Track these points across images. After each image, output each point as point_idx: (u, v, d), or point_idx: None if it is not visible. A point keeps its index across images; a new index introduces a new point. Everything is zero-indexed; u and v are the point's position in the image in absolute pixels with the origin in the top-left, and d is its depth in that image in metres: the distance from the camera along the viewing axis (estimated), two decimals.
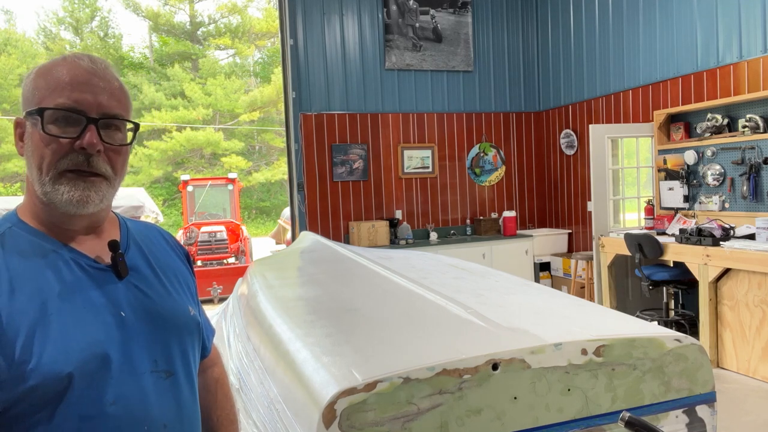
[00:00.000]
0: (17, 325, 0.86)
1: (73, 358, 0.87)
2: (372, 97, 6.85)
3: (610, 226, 5.89)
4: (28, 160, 0.95)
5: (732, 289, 4.32)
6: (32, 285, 0.90)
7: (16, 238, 0.94)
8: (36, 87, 0.95)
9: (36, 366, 0.85)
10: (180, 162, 20.38)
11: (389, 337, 1.55)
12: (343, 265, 2.86)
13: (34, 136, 0.94)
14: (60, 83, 0.93)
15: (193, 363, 1.09)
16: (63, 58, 0.97)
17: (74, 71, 0.95)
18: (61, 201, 0.93)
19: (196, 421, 1.08)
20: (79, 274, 0.95)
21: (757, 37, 4.63)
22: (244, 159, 20.74)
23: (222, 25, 22.43)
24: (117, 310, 0.96)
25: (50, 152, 0.93)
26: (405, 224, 6.84)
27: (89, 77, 0.95)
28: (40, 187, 0.94)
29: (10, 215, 0.99)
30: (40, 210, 0.97)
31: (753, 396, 3.91)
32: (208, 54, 22.42)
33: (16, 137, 0.99)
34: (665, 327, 1.63)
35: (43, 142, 0.93)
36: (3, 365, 0.84)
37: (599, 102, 6.50)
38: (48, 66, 0.97)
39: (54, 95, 0.93)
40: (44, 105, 0.93)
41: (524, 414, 1.31)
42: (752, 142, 4.63)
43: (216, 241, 9.95)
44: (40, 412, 0.86)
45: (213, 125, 20.60)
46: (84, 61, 0.96)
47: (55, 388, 0.86)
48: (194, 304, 1.14)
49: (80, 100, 0.93)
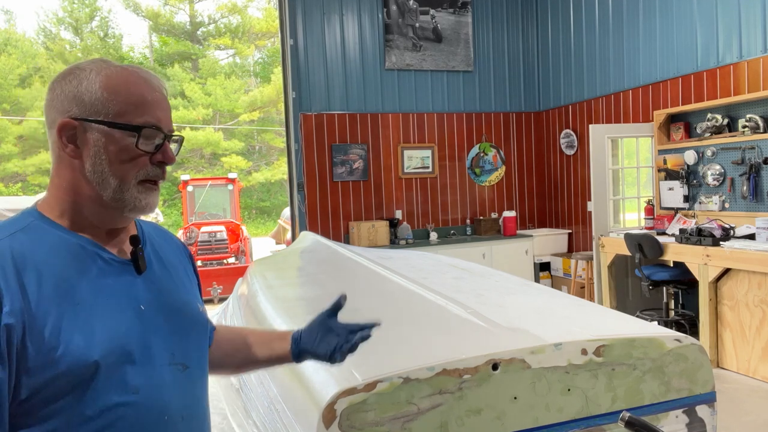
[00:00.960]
0: (46, 312, 0.89)
1: (99, 347, 0.91)
2: (372, 97, 6.85)
3: (610, 226, 5.89)
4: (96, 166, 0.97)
5: (732, 289, 4.32)
6: (58, 275, 0.92)
7: (39, 231, 0.97)
8: (111, 98, 0.97)
9: (64, 353, 0.88)
10: (180, 162, 20.35)
11: (389, 337, 1.55)
12: (343, 265, 2.85)
13: (110, 146, 0.97)
14: (143, 101, 0.99)
15: (204, 358, 1.13)
16: (136, 75, 1.01)
17: (150, 89, 1.01)
18: (134, 206, 1.00)
19: (208, 415, 1.12)
20: (103, 267, 0.98)
21: (757, 37, 4.63)
22: (244, 159, 20.73)
23: (222, 25, 22.43)
24: (137, 303, 0.99)
25: (136, 164, 0.99)
26: (405, 224, 6.84)
27: (162, 98, 1.03)
28: (114, 193, 0.98)
29: (30, 211, 1.00)
30: (86, 209, 0.99)
31: (753, 396, 3.91)
32: (208, 54, 22.42)
33: (61, 138, 0.97)
34: (665, 327, 1.63)
35: (128, 154, 0.98)
36: (32, 352, 0.86)
37: (599, 102, 6.50)
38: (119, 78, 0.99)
39: (140, 112, 0.99)
40: (129, 120, 0.98)
41: (524, 414, 1.31)
42: (752, 142, 4.63)
43: (216, 241, 9.95)
44: (64, 398, 0.89)
45: (213, 125, 20.60)
46: (154, 80, 1.03)
47: (81, 376, 0.89)
48: (200, 301, 1.18)
49: (160, 119, 1.01)
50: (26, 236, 0.95)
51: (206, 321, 1.15)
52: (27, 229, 0.96)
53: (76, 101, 0.97)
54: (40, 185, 18.10)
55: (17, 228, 0.96)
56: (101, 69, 0.99)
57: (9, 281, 0.88)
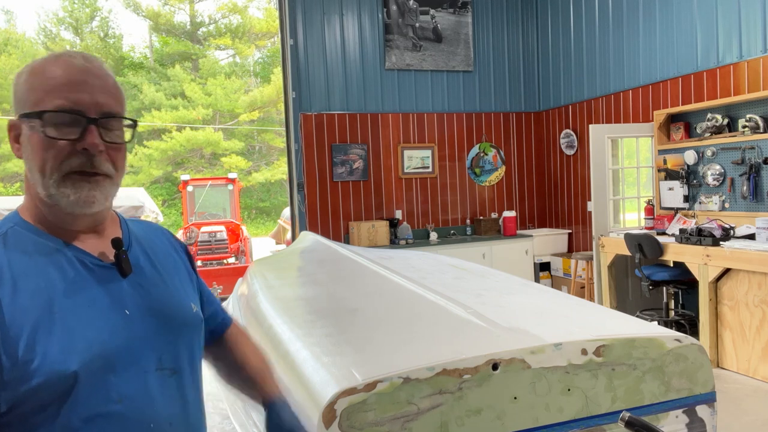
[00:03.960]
0: (21, 324, 0.85)
1: (78, 357, 0.87)
2: (372, 97, 6.85)
3: (610, 226, 5.89)
4: (28, 162, 0.94)
5: (732, 289, 4.32)
6: (36, 283, 0.89)
7: (18, 237, 0.94)
8: (30, 88, 0.93)
9: (40, 365, 0.84)
10: (180, 162, 20.37)
11: (389, 337, 1.55)
12: (343, 265, 2.85)
13: (33, 138, 0.92)
14: (56, 84, 0.91)
15: (197, 360, 1.09)
16: (55, 57, 0.94)
17: (69, 71, 0.92)
18: (67, 203, 0.93)
19: (201, 418, 1.09)
20: (83, 273, 0.94)
21: (757, 37, 4.63)
22: (244, 159, 20.73)
23: (222, 25, 22.43)
24: (121, 308, 0.96)
25: (52, 155, 0.91)
26: (405, 224, 6.84)
27: (85, 76, 0.93)
28: (44, 189, 0.93)
29: (12, 215, 0.98)
30: (43, 210, 0.96)
31: (753, 396, 3.91)
32: (208, 54, 22.42)
33: (11, 139, 0.97)
34: (665, 327, 1.63)
35: (43, 145, 0.91)
36: (7, 364, 0.83)
37: (599, 102, 6.50)
38: (40, 65, 0.94)
39: (51, 96, 0.91)
40: (42, 107, 0.91)
41: (524, 414, 1.31)
42: (752, 142, 4.63)
43: (216, 241, 9.96)
44: (46, 410, 0.85)
45: (213, 125, 20.60)
46: (78, 60, 0.94)
47: (60, 387, 0.85)
48: (196, 300, 1.14)
49: (78, 100, 0.91)
50: (4, 243, 0.92)
51: (200, 321, 1.11)
52: (5, 235, 0.93)
53: (15, 100, 0.96)
54: None
55: None
56: (33, 62, 0.96)
57: None
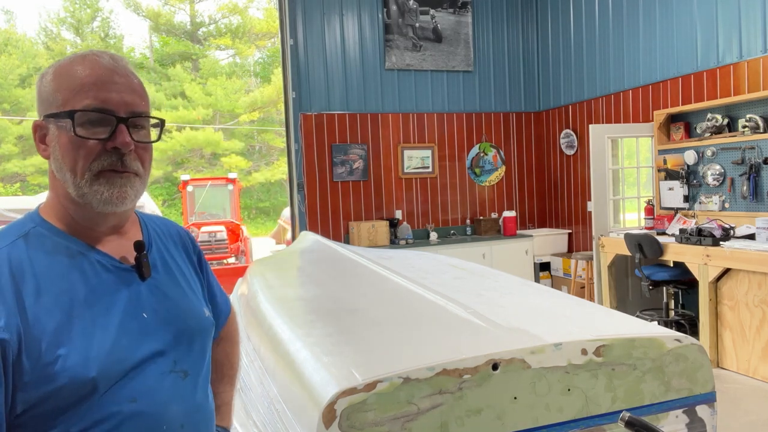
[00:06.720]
0: (43, 327, 0.85)
1: (97, 363, 0.87)
2: (372, 97, 6.85)
3: (610, 226, 5.89)
4: (57, 162, 0.94)
5: (732, 289, 4.31)
6: (58, 286, 0.89)
7: (41, 238, 0.94)
8: (57, 88, 0.93)
9: (60, 369, 0.84)
10: (180, 162, 20.37)
11: (389, 337, 1.55)
12: (343, 265, 2.85)
13: (63, 138, 0.92)
14: (84, 83, 0.91)
15: (207, 362, 1.10)
16: (82, 57, 0.94)
17: (97, 70, 0.92)
18: (99, 200, 0.93)
19: (211, 420, 1.09)
20: (104, 276, 0.95)
21: (757, 37, 4.63)
22: (244, 159, 20.73)
23: (222, 25, 22.43)
24: (139, 311, 0.96)
25: (83, 155, 0.91)
26: (405, 224, 6.84)
27: (112, 75, 0.93)
28: (76, 189, 0.92)
29: (33, 215, 0.98)
30: (70, 210, 0.96)
31: (753, 396, 3.91)
32: (208, 54, 22.41)
33: (36, 140, 0.96)
34: (665, 327, 1.63)
35: (73, 145, 0.91)
36: (27, 366, 0.83)
37: (599, 102, 6.50)
38: (67, 65, 0.94)
39: (80, 96, 0.91)
40: (71, 107, 0.91)
41: (524, 414, 1.31)
42: (752, 142, 4.63)
43: (216, 241, 9.96)
44: (62, 413, 0.86)
45: (213, 125, 20.60)
46: (105, 59, 0.94)
47: (78, 392, 0.86)
48: (207, 305, 1.15)
49: (108, 99, 0.91)
50: (26, 244, 0.92)
51: (211, 325, 1.13)
52: (28, 236, 0.93)
53: (40, 101, 0.96)
54: (39, 185, 18.10)
55: (18, 234, 0.93)
56: (58, 62, 0.96)
57: (5, 294, 0.85)
